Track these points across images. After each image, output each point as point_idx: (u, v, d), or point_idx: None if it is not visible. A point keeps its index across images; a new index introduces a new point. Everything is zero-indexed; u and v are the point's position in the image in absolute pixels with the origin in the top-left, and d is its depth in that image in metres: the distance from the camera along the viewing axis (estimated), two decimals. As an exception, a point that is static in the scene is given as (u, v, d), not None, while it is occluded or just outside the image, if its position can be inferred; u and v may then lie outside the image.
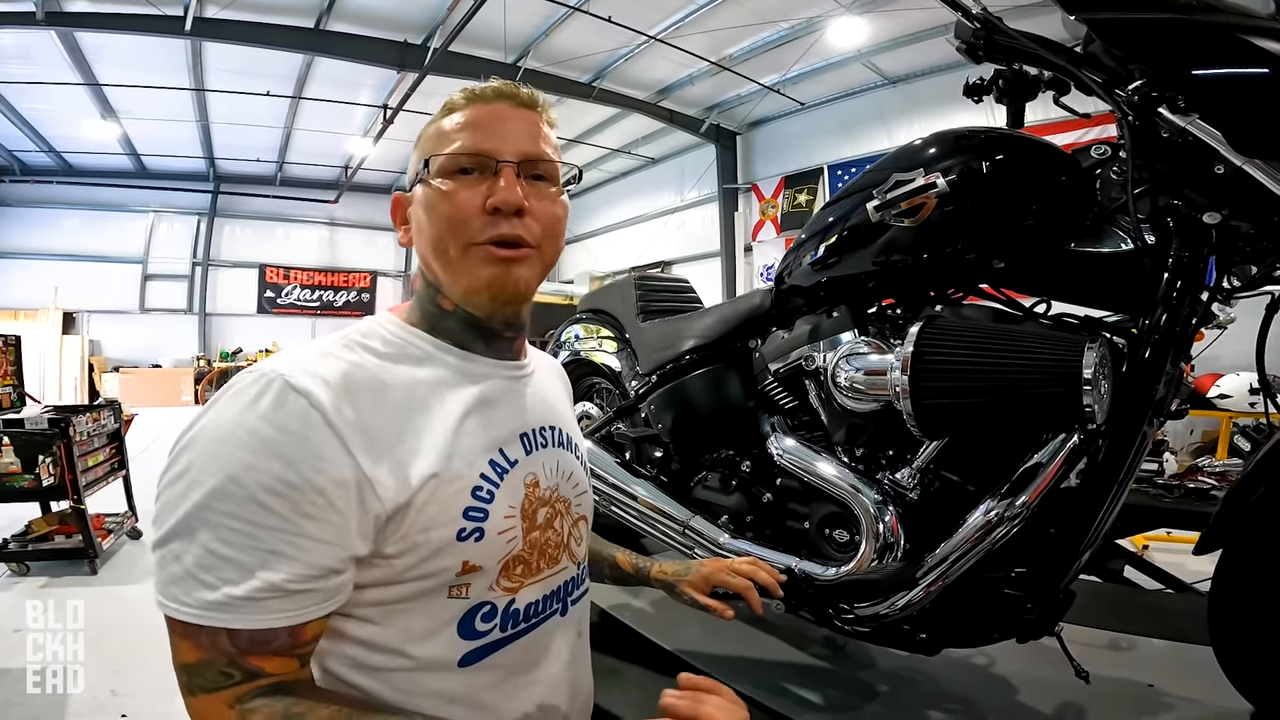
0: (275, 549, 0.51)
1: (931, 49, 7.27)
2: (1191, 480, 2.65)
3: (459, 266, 0.63)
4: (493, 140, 0.63)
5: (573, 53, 7.98)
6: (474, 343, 0.67)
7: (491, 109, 0.65)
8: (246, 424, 0.52)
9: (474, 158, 0.62)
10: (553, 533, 0.68)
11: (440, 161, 0.63)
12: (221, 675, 0.52)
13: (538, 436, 0.69)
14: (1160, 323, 0.93)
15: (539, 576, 0.66)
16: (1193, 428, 4.87)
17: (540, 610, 0.67)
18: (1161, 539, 3.14)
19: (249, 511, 0.50)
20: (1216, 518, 1.01)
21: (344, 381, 0.56)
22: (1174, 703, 1.14)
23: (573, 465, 0.74)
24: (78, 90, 8.55)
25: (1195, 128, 0.86)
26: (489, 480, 0.61)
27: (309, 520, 0.51)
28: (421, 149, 0.66)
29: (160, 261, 12.70)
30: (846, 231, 1.19)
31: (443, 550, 0.58)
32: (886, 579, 1.09)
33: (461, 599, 0.60)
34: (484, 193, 0.61)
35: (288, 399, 0.52)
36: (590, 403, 2.06)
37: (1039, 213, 1.03)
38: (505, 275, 0.62)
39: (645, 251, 11.80)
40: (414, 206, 0.66)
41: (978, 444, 1.09)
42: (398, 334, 0.64)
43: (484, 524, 0.60)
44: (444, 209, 0.62)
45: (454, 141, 0.63)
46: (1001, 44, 1.06)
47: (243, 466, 0.50)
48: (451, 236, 0.62)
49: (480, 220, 0.61)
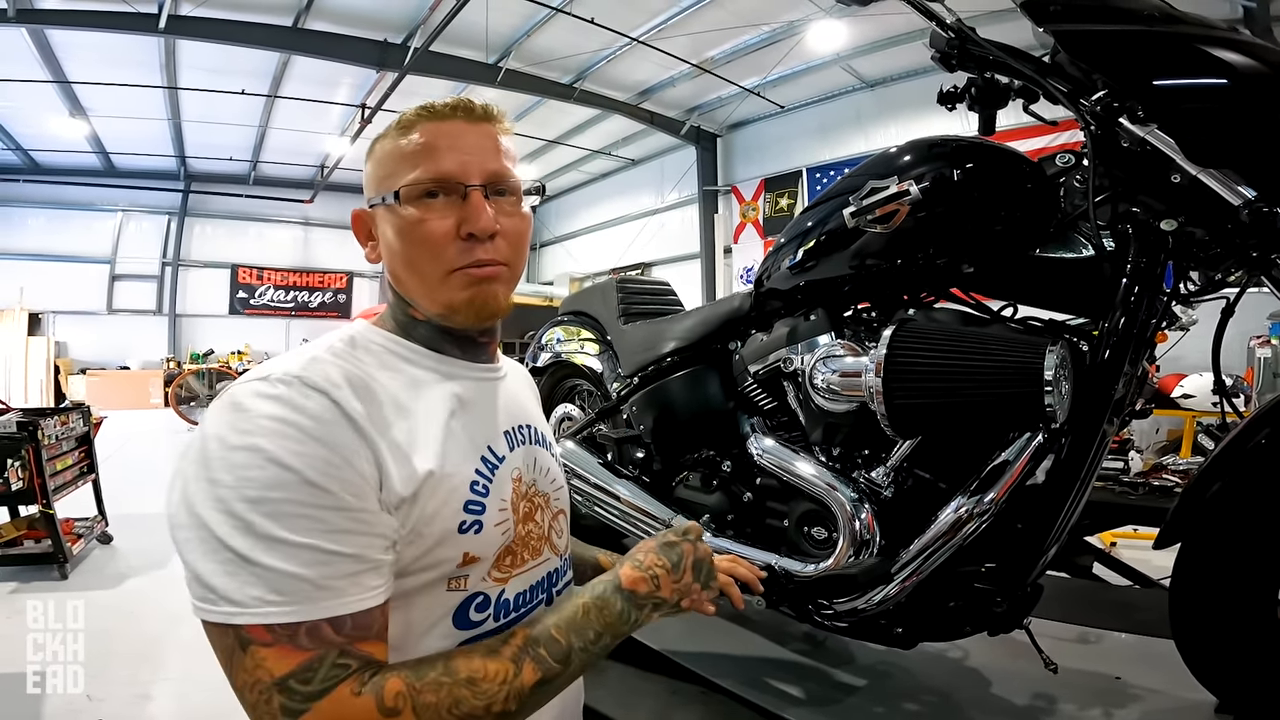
0: (343, 527, 0.51)
1: (908, 53, 7.40)
2: (1156, 478, 2.71)
3: (438, 289, 0.64)
4: (456, 162, 0.63)
5: (554, 53, 7.97)
6: (449, 347, 0.69)
7: (448, 127, 0.64)
8: (281, 416, 0.52)
9: (440, 183, 0.63)
10: (534, 525, 0.71)
11: (405, 191, 0.63)
12: (337, 668, 0.50)
13: (517, 434, 0.72)
14: (1119, 326, 0.97)
15: (525, 567, 0.69)
16: (1158, 427, 4.99)
17: (527, 600, 0.69)
18: (1128, 536, 3.23)
19: (308, 495, 0.50)
20: (1174, 513, 1.03)
21: (346, 381, 0.57)
22: (1140, 694, 1.17)
23: (549, 462, 0.77)
24: (46, 87, 8.33)
25: (1153, 137, 0.89)
26: (483, 475, 0.64)
27: (359, 498, 0.53)
28: (381, 168, 0.66)
29: (129, 261, 12.41)
30: (824, 236, 1.21)
31: (445, 541, 0.60)
32: (863, 574, 1.12)
33: (459, 590, 0.62)
34: (455, 218, 0.63)
35: (310, 395, 0.54)
36: (572, 404, 2.07)
37: (1006, 219, 1.06)
38: (484, 294, 0.65)
39: (625, 253, 11.80)
40: (381, 226, 0.66)
41: (949, 443, 1.12)
42: (378, 340, 0.66)
43: (482, 517, 0.62)
44: (416, 236, 0.63)
45: (416, 166, 0.63)
46: (974, 53, 1.08)
47: (290, 454, 0.51)
48: (428, 263, 0.63)
49: (455, 247, 0.63)
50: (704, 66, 8.25)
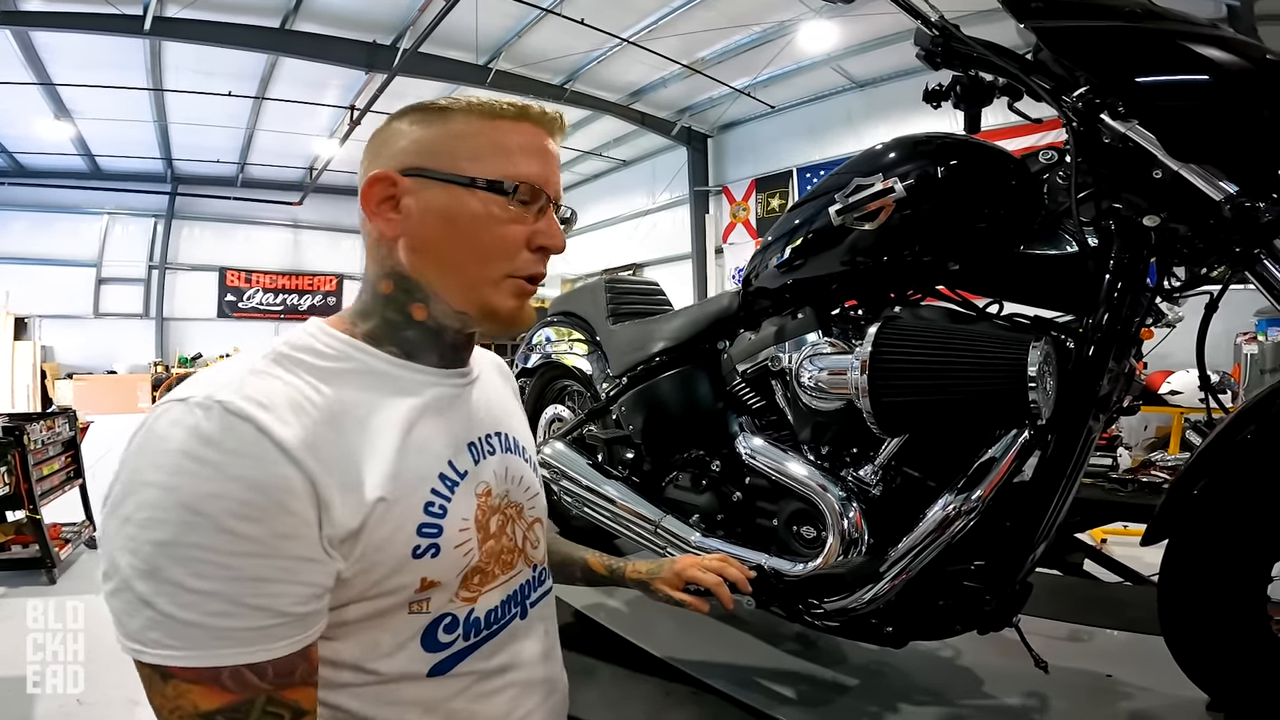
0: (258, 575, 0.47)
1: (897, 53, 7.41)
2: (1145, 474, 2.74)
3: (486, 290, 0.62)
4: (548, 173, 0.63)
5: (545, 55, 7.95)
6: (426, 354, 0.65)
7: (541, 136, 0.63)
8: (194, 453, 0.47)
9: (539, 190, 0.62)
10: (506, 539, 0.67)
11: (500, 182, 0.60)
12: (269, 716, 0.49)
13: (485, 444, 0.68)
14: (1103, 322, 0.97)
15: (496, 583, 0.66)
16: (1146, 423, 5.03)
17: (501, 616, 0.66)
18: (1119, 533, 3.25)
19: (221, 541, 0.46)
20: (1161, 509, 1.03)
21: (282, 402, 0.52)
22: (1132, 692, 1.17)
23: (522, 469, 0.73)
24: (30, 89, 8.23)
25: (1134, 133, 0.89)
26: (440, 495, 0.60)
27: (289, 540, 0.49)
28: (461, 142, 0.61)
29: (115, 265, 12.27)
30: (810, 235, 1.21)
31: (399, 568, 0.56)
32: (852, 573, 1.11)
33: (422, 614, 0.59)
34: (530, 227, 0.62)
35: (231, 425, 0.48)
36: (562, 405, 2.06)
37: (990, 216, 1.07)
38: (525, 309, 0.65)
39: (617, 254, 11.79)
40: (427, 200, 0.60)
41: (936, 440, 1.12)
42: (333, 346, 0.60)
43: (439, 539, 0.58)
44: (491, 231, 0.60)
45: (517, 162, 0.61)
46: (958, 51, 1.08)
47: (202, 496, 0.46)
48: (490, 261, 0.61)
49: (526, 256, 0.62)
50: (695, 67, 8.25)
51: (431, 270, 0.62)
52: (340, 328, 0.62)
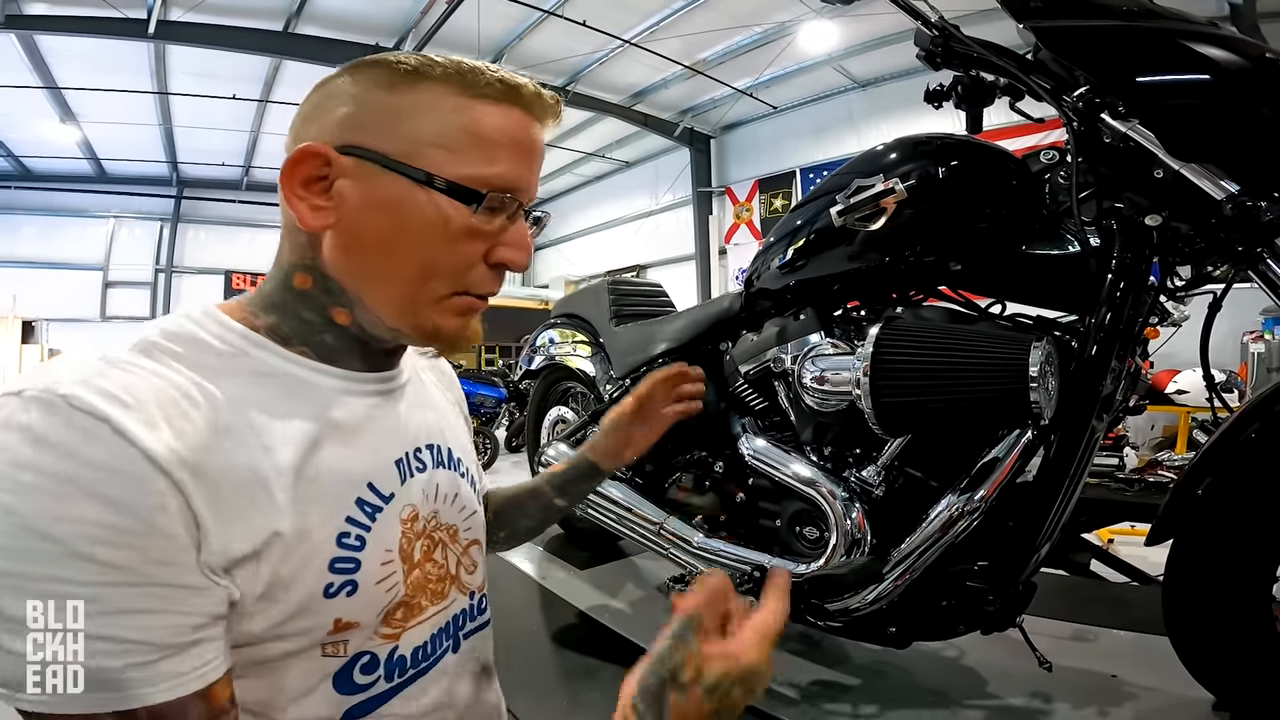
0: (125, 607, 0.38)
1: (899, 53, 7.41)
2: (1152, 474, 2.72)
3: (423, 309, 0.51)
4: (527, 173, 0.51)
5: (547, 56, 7.97)
6: (350, 360, 0.53)
7: (523, 121, 0.50)
8: (35, 463, 0.37)
9: (508, 197, 0.50)
10: (433, 565, 0.57)
11: (461, 182, 0.48)
12: None
13: (414, 460, 0.56)
14: (1105, 321, 0.97)
15: (424, 616, 0.55)
16: (1153, 423, 5.01)
17: (430, 653, 0.56)
18: (1126, 533, 3.23)
19: (75, 570, 0.37)
20: (1166, 508, 1.02)
21: (149, 399, 0.41)
22: (1137, 692, 1.16)
23: (457, 485, 0.61)
24: (36, 93, 8.31)
25: (1135, 133, 0.89)
26: (357, 524, 0.49)
27: (163, 566, 0.39)
28: (419, 117, 0.48)
29: (122, 268, 12.35)
30: (812, 235, 1.21)
31: (308, 609, 0.46)
32: (855, 573, 1.11)
33: (338, 656, 0.49)
34: (488, 240, 0.50)
35: (81, 425, 0.38)
36: (566, 407, 2.07)
37: (992, 216, 1.07)
38: (472, 327, 0.53)
39: (620, 255, 11.81)
40: (365, 189, 0.48)
41: (939, 441, 1.12)
42: (228, 339, 0.48)
43: (356, 575, 0.48)
44: (444, 245, 0.49)
45: (495, 162, 0.49)
46: (958, 51, 1.08)
47: (50, 518, 0.37)
48: (436, 278, 0.50)
49: (481, 273, 0.51)
50: (696, 68, 8.27)
51: (362, 277, 0.50)
52: (238, 317, 0.51)
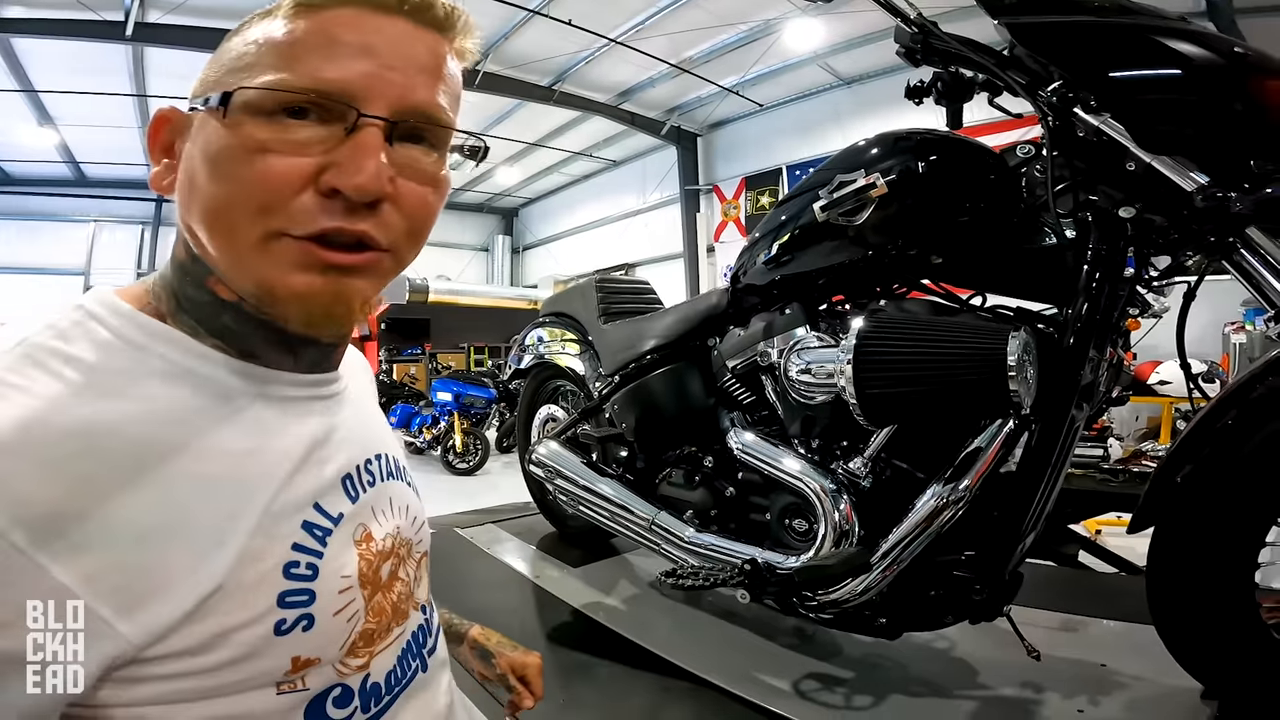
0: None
1: (883, 50, 7.40)
2: (1136, 464, 2.75)
3: (250, 258, 0.39)
4: (357, 70, 0.39)
5: (533, 56, 7.95)
6: (267, 350, 0.44)
7: (371, 19, 0.40)
8: None
9: (317, 97, 0.38)
10: (400, 583, 0.51)
11: (248, 94, 0.38)
12: None
13: (364, 474, 0.49)
14: (1082, 312, 0.99)
15: (390, 640, 0.49)
16: (1137, 414, 5.06)
17: (402, 675, 0.50)
18: (1112, 523, 3.27)
19: None
20: (1146, 497, 1.03)
21: (24, 435, 0.32)
22: (1126, 681, 1.17)
23: (407, 496, 0.55)
24: (13, 97, 8.17)
25: (1107, 126, 0.91)
26: (306, 550, 0.42)
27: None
28: (230, 53, 0.42)
29: (103, 273, 12.13)
30: (796, 230, 1.22)
31: (259, 651, 0.39)
32: (843, 565, 1.12)
33: (299, 691, 0.42)
34: (319, 158, 0.38)
35: None
36: (556, 405, 2.07)
37: (971, 210, 1.08)
38: (332, 290, 0.40)
39: (608, 254, 11.80)
40: (193, 141, 0.41)
41: (924, 432, 1.14)
42: (130, 334, 0.40)
43: (311, 608, 0.41)
44: (239, 168, 0.38)
45: (288, 60, 0.39)
46: (937, 48, 1.10)
47: None
48: (248, 215, 0.38)
49: (306, 201, 0.38)
50: (683, 66, 8.28)
51: (196, 233, 0.42)
52: (140, 305, 0.42)
